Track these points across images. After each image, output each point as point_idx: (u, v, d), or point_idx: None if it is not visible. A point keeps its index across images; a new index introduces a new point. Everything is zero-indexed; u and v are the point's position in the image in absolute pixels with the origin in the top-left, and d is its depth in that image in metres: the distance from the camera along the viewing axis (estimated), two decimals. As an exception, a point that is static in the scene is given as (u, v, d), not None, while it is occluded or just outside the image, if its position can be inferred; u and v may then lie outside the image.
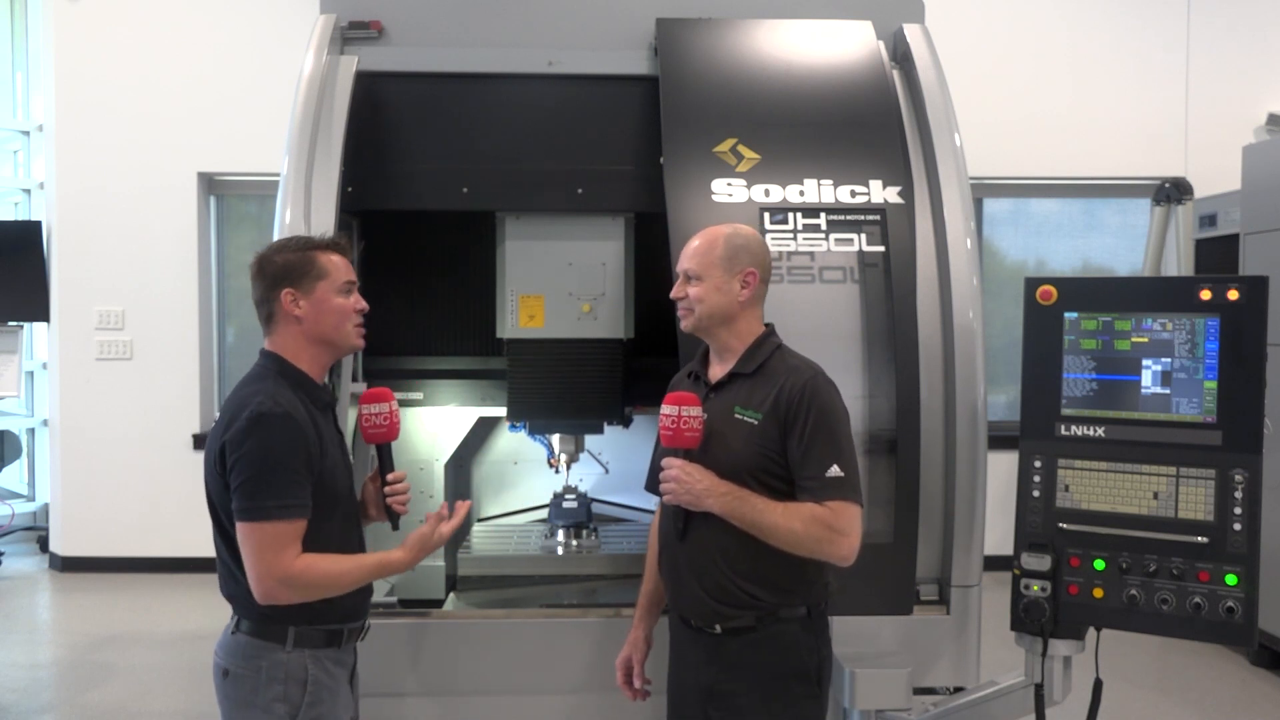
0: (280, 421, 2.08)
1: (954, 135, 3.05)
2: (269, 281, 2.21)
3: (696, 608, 2.34)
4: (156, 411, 6.46)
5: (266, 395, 2.11)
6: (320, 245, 2.26)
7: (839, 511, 2.20)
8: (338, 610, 2.20)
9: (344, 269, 2.26)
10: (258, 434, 2.06)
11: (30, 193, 6.95)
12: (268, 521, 2.05)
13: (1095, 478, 2.53)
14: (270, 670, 2.14)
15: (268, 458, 2.06)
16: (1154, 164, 6.50)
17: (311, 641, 2.17)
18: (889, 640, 2.83)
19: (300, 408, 2.14)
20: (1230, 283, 2.43)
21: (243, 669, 2.17)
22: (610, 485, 3.84)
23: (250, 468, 2.06)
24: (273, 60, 6.18)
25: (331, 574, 2.13)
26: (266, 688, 2.14)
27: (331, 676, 2.20)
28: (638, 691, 2.55)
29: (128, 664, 4.86)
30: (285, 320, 2.22)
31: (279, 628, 2.15)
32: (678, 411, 2.27)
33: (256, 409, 2.08)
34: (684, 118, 3.02)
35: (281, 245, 2.29)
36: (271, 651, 2.15)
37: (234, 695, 2.18)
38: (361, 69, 3.15)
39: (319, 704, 2.17)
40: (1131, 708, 4.33)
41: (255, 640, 2.16)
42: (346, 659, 2.28)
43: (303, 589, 2.09)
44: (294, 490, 2.08)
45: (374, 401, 2.35)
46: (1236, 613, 2.36)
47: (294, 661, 2.15)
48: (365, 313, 2.29)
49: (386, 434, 2.37)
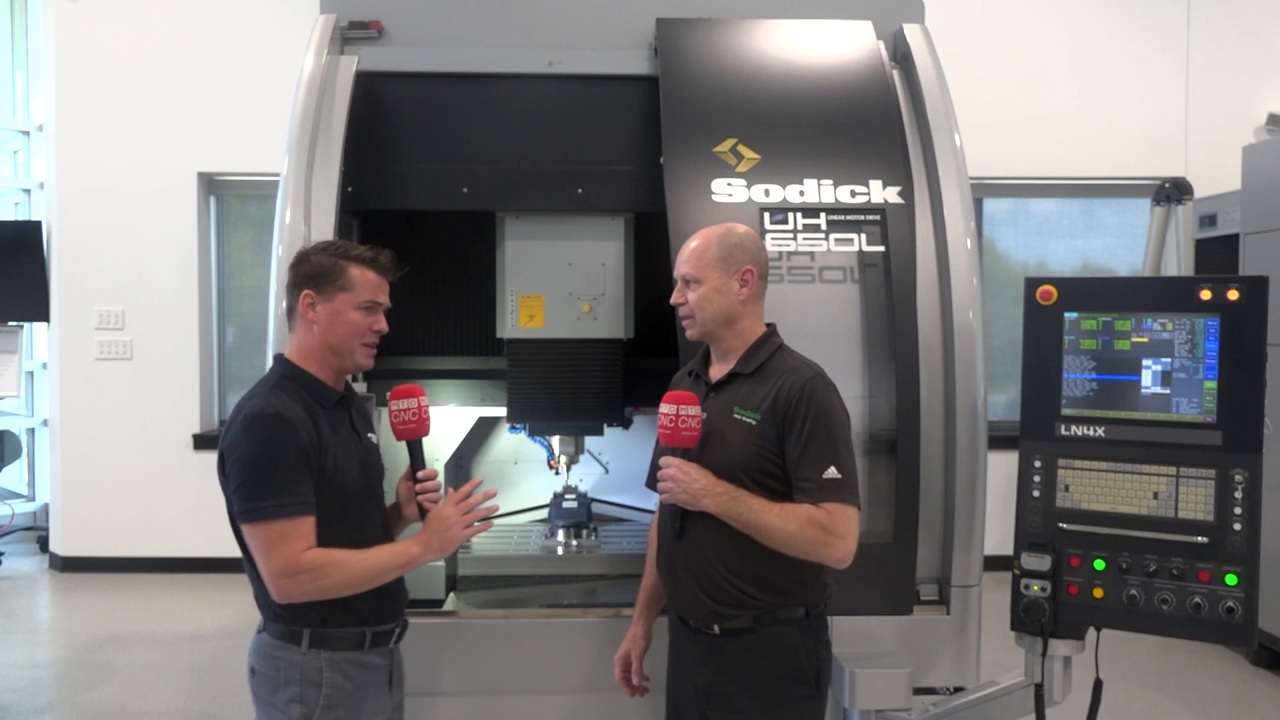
0: (270, 421, 2.08)
1: (954, 135, 3.05)
2: (296, 279, 2.23)
3: (694, 608, 2.34)
4: (156, 411, 6.46)
5: (261, 399, 2.12)
6: (357, 257, 2.24)
7: (835, 514, 2.20)
8: (356, 613, 2.18)
9: (372, 287, 2.24)
10: (248, 436, 2.08)
11: (30, 193, 6.95)
12: (268, 521, 2.06)
13: (1095, 478, 2.53)
14: (287, 671, 2.15)
15: (259, 458, 2.07)
16: (1154, 164, 6.51)
17: (329, 644, 2.16)
18: (889, 640, 2.83)
19: (298, 408, 2.13)
20: (1230, 283, 2.43)
21: (264, 668, 2.18)
22: (610, 485, 3.84)
23: (244, 470, 2.07)
24: (273, 60, 6.18)
25: (341, 564, 2.10)
26: (284, 688, 2.15)
27: (352, 681, 2.18)
28: (636, 688, 2.56)
29: (128, 664, 4.86)
30: (301, 321, 2.24)
31: (294, 629, 2.15)
32: (676, 410, 2.27)
33: (248, 412, 2.10)
34: (684, 118, 3.02)
35: (323, 246, 2.29)
36: (288, 652, 2.15)
37: (258, 693, 2.20)
38: (361, 69, 3.15)
39: (335, 708, 2.15)
40: (1131, 708, 4.33)
41: (274, 640, 2.17)
42: (375, 662, 2.24)
43: (314, 582, 2.07)
44: (290, 488, 2.07)
45: (402, 398, 2.32)
46: (1236, 613, 2.35)
47: (309, 664, 2.14)
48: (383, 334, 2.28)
49: (416, 430, 2.34)
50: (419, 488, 2.33)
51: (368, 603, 2.21)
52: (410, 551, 2.20)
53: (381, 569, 2.16)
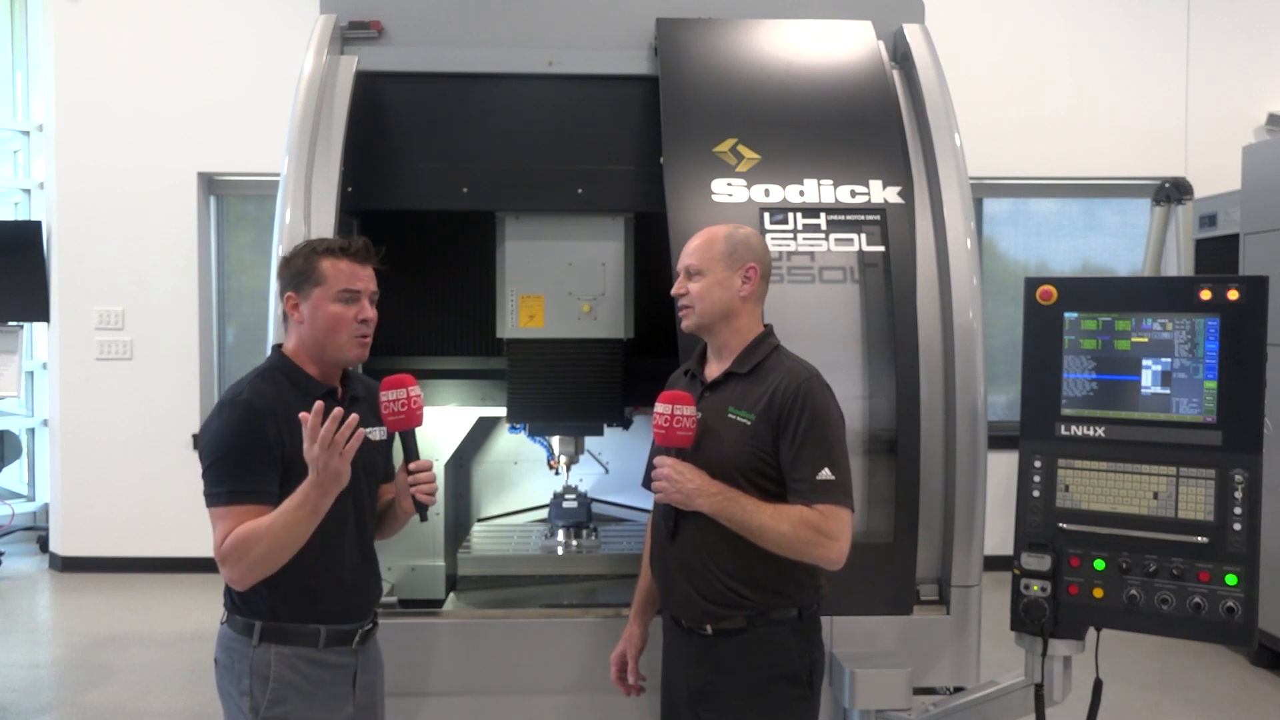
0: (240, 409, 2.10)
1: (954, 135, 3.05)
2: (280, 283, 2.27)
3: (687, 608, 2.34)
4: (156, 411, 6.46)
5: (240, 387, 2.16)
6: (325, 250, 2.23)
7: (828, 515, 2.20)
8: (312, 609, 2.17)
9: (345, 276, 2.21)
10: (216, 422, 2.11)
11: (30, 193, 6.96)
12: (219, 506, 2.07)
13: (1095, 478, 2.53)
14: (239, 663, 2.16)
15: (221, 444, 2.09)
16: (1154, 164, 6.51)
17: (281, 638, 2.15)
18: (889, 640, 2.83)
19: (273, 398, 2.13)
20: (1230, 283, 2.43)
21: (224, 659, 2.21)
22: (610, 485, 3.84)
23: (209, 454, 2.11)
24: (273, 60, 6.18)
25: (253, 533, 2.02)
26: (238, 680, 2.16)
27: (304, 677, 2.16)
28: (631, 687, 2.56)
29: (128, 664, 4.86)
30: (290, 323, 2.26)
31: (249, 622, 2.16)
32: (671, 410, 2.27)
33: (223, 398, 2.15)
34: (684, 118, 3.02)
35: (297, 248, 2.29)
36: (241, 645, 2.17)
37: (220, 684, 2.23)
38: (361, 69, 3.15)
39: (282, 703, 2.14)
40: (1131, 708, 4.33)
41: (230, 632, 2.20)
42: (335, 661, 2.20)
43: (240, 560, 2.03)
44: (247, 475, 2.07)
45: (392, 388, 2.28)
46: (1236, 613, 2.35)
47: (259, 657, 2.15)
48: (371, 322, 2.25)
49: (407, 420, 2.28)
50: (411, 479, 2.30)
51: (336, 600, 2.21)
52: (305, 494, 2.03)
53: (291, 522, 2.04)
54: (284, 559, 2.07)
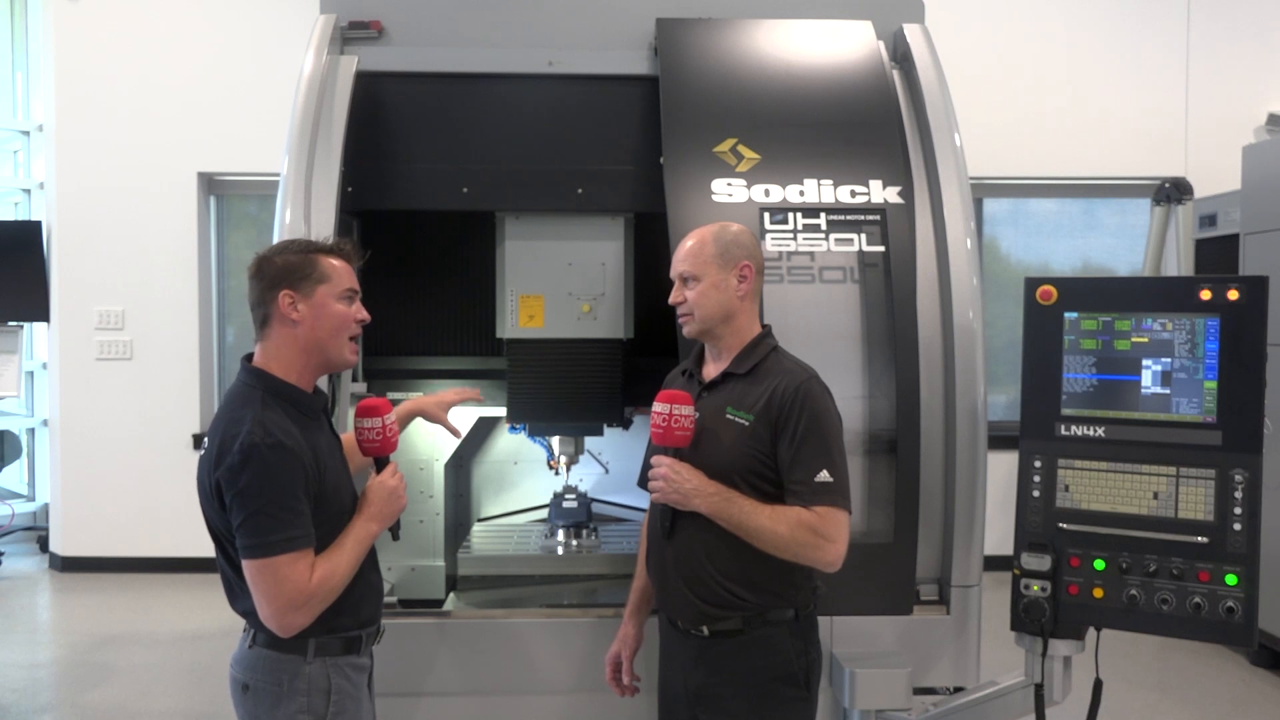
0: (273, 453, 1.98)
1: (954, 135, 3.05)
2: (267, 282, 2.12)
3: (683, 609, 2.34)
4: (156, 411, 6.46)
5: (255, 423, 2.00)
6: (323, 249, 2.19)
7: (826, 517, 2.19)
8: (357, 617, 2.17)
9: (346, 275, 2.19)
10: (251, 469, 1.97)
11: (30, 193, 6.96)
12: (275, 557, 1.98)
13: (1095, 478, 2.53)
14: (293, 683, 2.09)
15: (264, 493, 1.98)
16: (1154, 164, 6.51)
17: (331, 650, 2.13)
18: (889, 640, 2.83)
19: (291, 430, 2.05)
20: (1230, 283, 2.43)
21: (264, 683, 2.10)
22: (610, 485, 3.84)
23: (250, 504, 1.98)
24: (273, 60, 6.18)
25: (331, 574, 2.06)
26: (289, 700, 2.09)
27: (353, 683, 2.17)
28: (626, 688, 2.55)
29: (128, 664, 4.86)
30: (280, 324, 2.12)
31: (299, 640, 2.08)
32: (669, 410, 2.26)
33: (247, 440, 1.98)
34: (684, 118, 3.02)
35: (283, 246, 2.21)
36: (293, 664, 2.10)
37: (256, 710, 2.12)
38: (361, 69, 3.15)
39: (343, 713, 2.13)
40: (1131, 708, 4.33)
41: (275, 654, 2.10)
42: (365, 664, 2.24)
43: (322, 603, 2.05)
44: (297, 521, 2.01)
45: (367, 416, 2.25)
46: (1236, 613, 2.35)
47: (316, 672, 2.11)
48: (365, 324, 2.23)
49: (381, 448, 2.27)
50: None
51: (373, 604, 2.22)
52: (370, 529, 2.17)
53: (356, 557, 2.13)
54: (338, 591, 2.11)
